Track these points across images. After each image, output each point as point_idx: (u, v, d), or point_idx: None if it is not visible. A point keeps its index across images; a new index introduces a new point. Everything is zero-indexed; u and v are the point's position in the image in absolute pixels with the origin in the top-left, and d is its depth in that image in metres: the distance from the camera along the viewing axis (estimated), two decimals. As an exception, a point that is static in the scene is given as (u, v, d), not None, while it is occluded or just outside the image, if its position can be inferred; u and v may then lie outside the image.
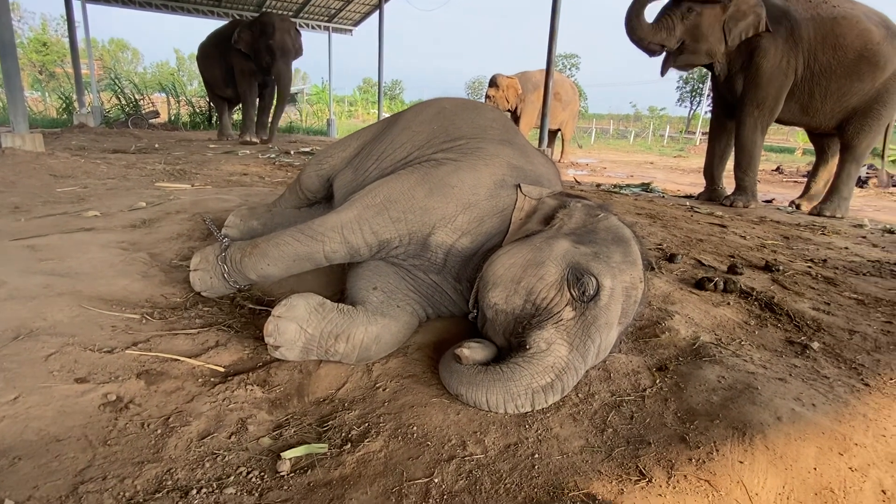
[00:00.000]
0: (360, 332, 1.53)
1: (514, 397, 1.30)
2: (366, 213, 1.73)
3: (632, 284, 1.50)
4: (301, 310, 1.51)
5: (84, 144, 7.00)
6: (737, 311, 2.06)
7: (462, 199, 1.73)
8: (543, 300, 1.43)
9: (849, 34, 4.71)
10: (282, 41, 8.40)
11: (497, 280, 1.50)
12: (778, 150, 20.95)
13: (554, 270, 1.44)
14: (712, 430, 1.26)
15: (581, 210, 1.66)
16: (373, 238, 1.72)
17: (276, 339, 1.48)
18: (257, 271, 1.77)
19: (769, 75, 4.91)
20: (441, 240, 1.73)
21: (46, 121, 13.09)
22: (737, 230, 3.75)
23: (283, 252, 1.73)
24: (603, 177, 9.33)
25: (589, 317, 1.40)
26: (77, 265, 1.97)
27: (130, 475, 1.05)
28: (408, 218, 1.72)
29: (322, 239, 1.71)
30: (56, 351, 1.38)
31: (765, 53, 4.88)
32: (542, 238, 1.56)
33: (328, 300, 1.60)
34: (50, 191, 3.66)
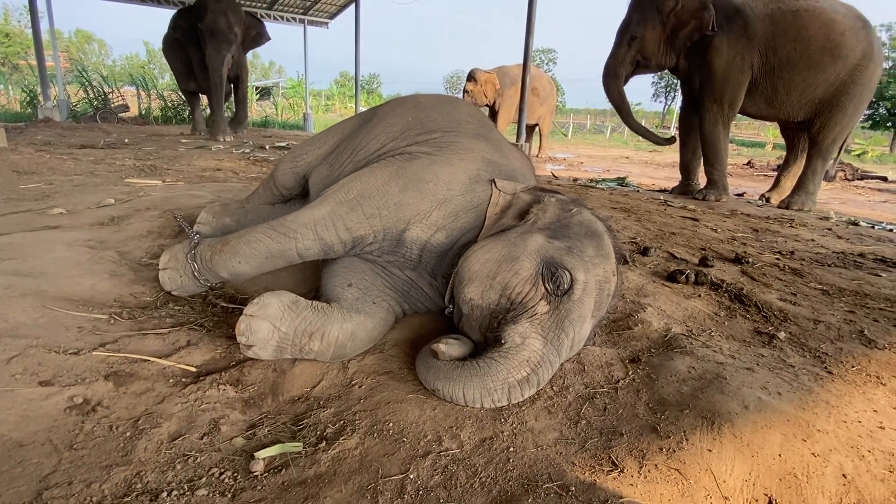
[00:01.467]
0: (335, 329, 1.52)
1: (490, 392, 1.30)
2: (339, 210, 1.70)
3: (605, 278, 1.52)
4: (274, 308, 1.49)
5: (50, 139, 6.77)
6: (707, 302, 2.10)
7: (437, 195, 1.73)
8: (518, 294, 1.44)
9: (812, 25, 4.86)
10: (212, 22, 7.58)
11: (472, 275, 1.50)
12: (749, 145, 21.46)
13: (528, 265, 1.45)
14: (682, 419, 1.29)
15: (555, 205, 1.67)
16: (347, 235, 1.70)
17: (249, 339, 1.46)
18: (228, 269, 1.73)
19: (722, 72, 5.10)
20: (416, 236, 1.72)
21: (9, 115, 12.62)
22: (708, 223, 3.83)
23: (255, 249, 1.70)
24: (580, 171, 9.42)
25: (563, 311, 1.41)
26: (41, 264, 1.91)
27: (98, 479, 1.03)
28: (382, 214, 1.70)
29: (295, 236, 1.68)
30: (19, 353, 1.34)
31: (716, 51, 5.07)
32: (516, 233, 1.57)
33: (302, 298, 1.58)
34: (13, 188, 3.53)
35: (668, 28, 5.18)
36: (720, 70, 5.06)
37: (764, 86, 5.13)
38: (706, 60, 5.11)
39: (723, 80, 5.09)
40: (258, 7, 14.75)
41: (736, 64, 5.04)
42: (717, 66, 5.06)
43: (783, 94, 5.11)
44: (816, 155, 5.30)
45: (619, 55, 5.53)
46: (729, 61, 5.04)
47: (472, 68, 10.82)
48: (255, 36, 8.70)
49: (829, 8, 4.93)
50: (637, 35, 5.34)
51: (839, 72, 4.91)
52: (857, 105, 5.09)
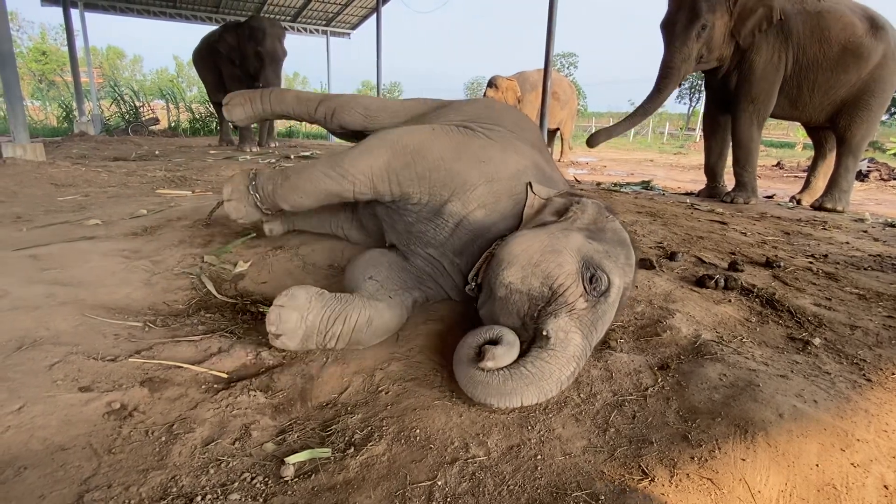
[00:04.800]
0: (355, 313, 1.62)
1: (546, 392, 1.34)
2: (395, 163, 1.83)
3: (629, 286, 1.60)
4: (302, 299, 1.57)
5: (85, 153, 7.02)
6: (738, 308, 2.06)
7: (486, 172, 1.83)
8: (560, 286, 1.46)
9: (834, 27, 4.75)
10: (272, 48, 8.12)
11: (514, 259, 1.53)
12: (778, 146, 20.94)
13: (571, 261, 1.49)
14: (714, 428, 1.26)
15: (592, 207, 1.73)
16: (398, 189, 1.85)
17: (279, 328, 1.53)
18: (290, 202, 1.92)
19: (762, 71, 4.95)
20: (456, 209, 1.81)
21: (47, 130, 13.16)
22: (737, 227, 3.75)
23: (317, 187, 1.87)
24: (603, 175, 9.33)
25: (599, 310, 1.46)
26: (79, 274, 1.98)
27: (135, 483, 1.06)
28: (432, 177, 1.82)
29: (353, 181, 1.84)
30: (60, 360, 1.39)
31: (758, 49, 4.92)
32: (557, 227, 1.63)
33: (326, 290, 1.65)
34: (51, 200, 3.68)
35: (734, 17, 4.86)
36: (760, 69, 4.94)
37: (790, 86, 5.01)
38: (748, 59, 4.97)
39: (761, 79, 4.97)
40: (283, 20, 15.08)
41: (774, 63, 4.92)
42: (757, 64, 4.93)
43: (807, 95, 4.99)
44: (847, 152, 5.15)
45: (687, 49, 4.95)
46: (768, 60, 4.92)
47: (493, 75, 10.84)
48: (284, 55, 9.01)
49: (849, 9, 4.85)
50: (708, 24, 4.85)
51: (861, 73, 4.80)
52: (881, 102, 4.98)
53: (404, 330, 1.79)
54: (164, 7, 14.40)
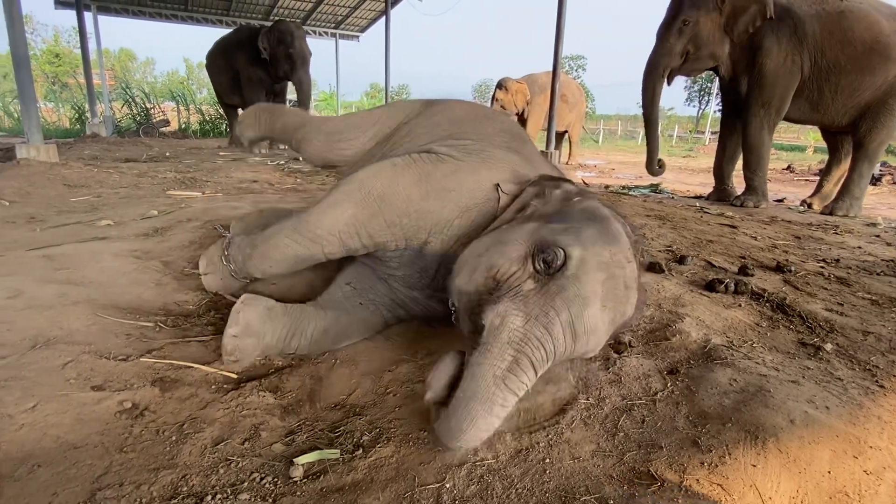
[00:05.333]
0: (310, 327, 1.64)
1: (488, 403, 1.11)
2: (361, 215, 1.69)
3: (613, 261, 1.28)
4: (255, 323, 1.55)
5: (97, 154, 7.10)
6: (748, 312, 2.04)
7: (459, 203, 1.67)
8: (503, 274, 1.29)
9: (857, 27, 4.65)
10: (301, 49, 8.36)
11: (461, 264, 1.43)
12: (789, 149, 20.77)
13: (519, 246, 1.31)
14: (724, 433, 1.25)
15: (557, 196, 1.55)
16: (370, 241, 1.72)
17: (238, 357, 1.53)
18: (261, 271, 1.86)
19: (773, 75, 4.89)
20: (436, 248, 1.69)
21: (60, 131, 13.31)
22: (747, 231, 3.72)
23: (284, 254, 1.78)
24: (611, 178, 9.29)
25: (553, 287, 1.22)
26: (91, 274, 2.00)
27: (146, 482, 1.07)
28: (403, 222, 1.69)
29: (322, 242, 1.72)
30: (73, 359, 1.41)
31: (768, 53, 4.86)
32: (512, 223, 1.49)
33: (277, 303, 1.64)
34: (64, 200, 3.72)
35: (725, 14, 4.88)
36: (771, 73, 4.88)
37: (810, 89, 4.93)
38: (756, 63, 4.92)
39: (773, 83, 4.91)
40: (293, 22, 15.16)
41: (787, 66, 4.85)
42: (767, 68, 4.88)
43: (829, 98, 4.89)
44: (863, 158, 5.07)
45: (668, 45, 5.06)
46: (780, 64, 4.85)
47: (501, 77, 10.85)
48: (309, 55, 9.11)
49: (873, 9, 4.73)
50: (690, 20, 4.90)
51: (888, 74, 4.68)
52: None
53: (411, 332, 1.79)
54: (175, 10, 14.56)
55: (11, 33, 5.00)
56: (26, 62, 5.15)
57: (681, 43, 5.02)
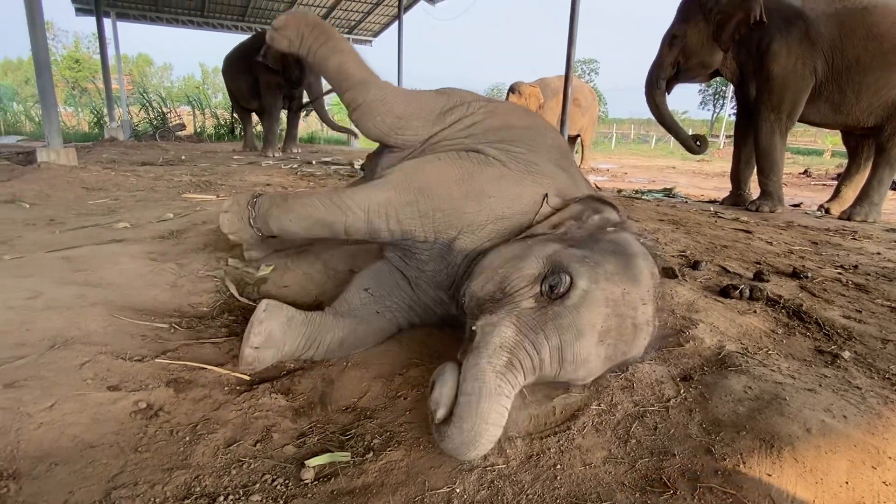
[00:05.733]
0: (328, 336, 1.63)
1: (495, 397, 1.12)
2: (396, 199, 1.71)
3: (624, 300, 1.26)
4: (277, 334, 1.53)
5: (114, 157, 7.22)
6: (763, 319, 2.01)
7: (496, 210, 1.66)
8: (511, 287, 1.31)
9: (883, 22, 4.51)
10: None
11: (480, 269, 1.45)
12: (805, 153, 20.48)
13: (534, 264, 1.33)
14: (739, 441, 1.23)
15: (595, 221, 1.55)
16: (397, 227, 1.72)
17: (257, 366, 1.53)
18: (279, 224, 1.86)
19: (782, 79, 4.81)
20: (465, 245, 1.67)
21: (79, 135, 13.55)
22: (763, 236, 3.67)
23: (308, 212, 1.79)
24: (624, 182, 9.24)
25: (550, 312, 1.23)
26: (109, 276, 2.03)
27: (160, 481, 1.08)
28: (436, 216, 1.69)
29: (346, 212, 1.73)
30: (90, 360, 1.43)
31: (775, 57, 4.79)
32: (538, 238, 1.48)
33: (297, 312, 1.60)
34: (83, 203, 3.79)
35: (713, 23, 4.95)
36: (779, 77, 4.81)
37: (829, 91, 4.82)
38: (763, 67, 4.87)
39: (782, 87, 4.84)
40: (306, 28, 15.29)
41: (797, 70, 4.77)
42: (775, 72, 4.81)
43: (852, 98, 4.77)
44: (884, 163, 4.96)
45: (660, 59, 5.33)
46: (789, 67, 4.77)
47: (514, 81, 10.84)
48: None
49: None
50: (678, 34, 5.13)
51: None
52: None
53: (422, 335, 1.79)
54: (191, 16, 14.79)
55: (34, 39, 5.11)
56: (47, 68, 5.26)
57: (671, 55, 5.25)
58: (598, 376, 1.38)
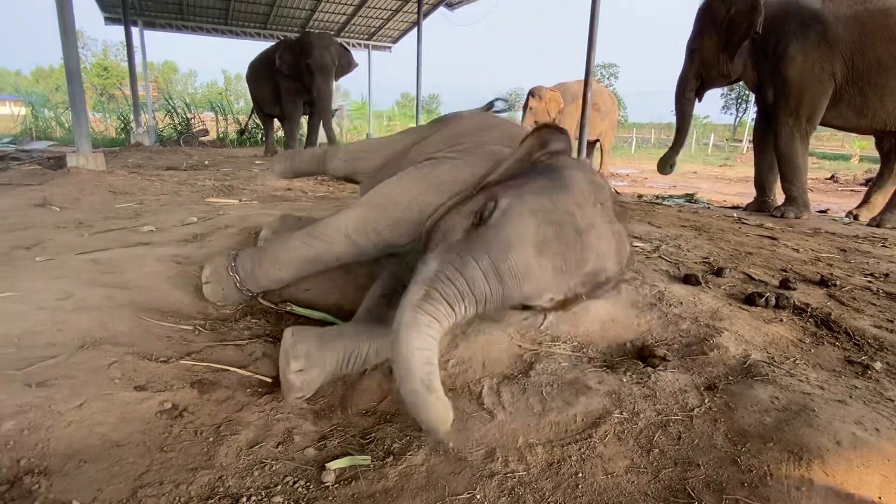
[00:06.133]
0: (365, 348, 1.58)
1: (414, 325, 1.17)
2: (369, 215, 1.82)
3: (556, 208, 1.28)
4: (314, 351, 1.47)
5: (140, 162, 7.39)
6: (790, 328, 1.97)
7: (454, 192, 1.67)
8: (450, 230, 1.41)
9: None
10: (320, 59, 8.42)
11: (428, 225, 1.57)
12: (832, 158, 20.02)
13: (472, 205, 1.42)
14: (766, 453, 1.21)
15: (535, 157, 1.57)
16: (377, 237, 1.81)
17: (306, 391, 1.45)
18: (270, 278, 1.89)
19: (798, 83, 4.74)
20: None
21: (106, 140, 13.91)
22: (788, 242, 3.59)
23: (293, 256, 1.83)
24: (644, 187, 9.15)
25: (474, 235, 1.29)
26: (135, 278, 2.08)
27: (185, 481, 1.10)
28: (406, 216, 1.78)
29: (331, 241, 1.81)
30: (117, 360, 1.46)
31: (790, 61, 4.71)
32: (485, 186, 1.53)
33: (325, 329, 1.57)
34: (110, 207, 3.89)
35: (724, 35, 5.05)
36: (796, 81, 4.74)
37: (851, 94, 4.72)
38: (779, 71, 4.80)
39: (799, 91, 4.76)
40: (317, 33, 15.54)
41: (814, 74, 4.68)
42: (791, 77, 4.74)
43: (875, 101, 4.65)
44: (917, 168, 4.84)
45: (685, 72, 5.50)
46: (806, 71, 4.69)
47: (534, 86, 10.83)
48: (345, 64, 9.24)
49: None
50: (695, 48, 5.30)
51: None
52: None
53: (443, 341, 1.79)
54: (216, 24, 15.09)
55: (65, 49, 5.27)
56: (78, 76, 5.42)
57: (693, 69, 5.41)
58: (570, 296, 1.36)
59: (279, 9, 14.34)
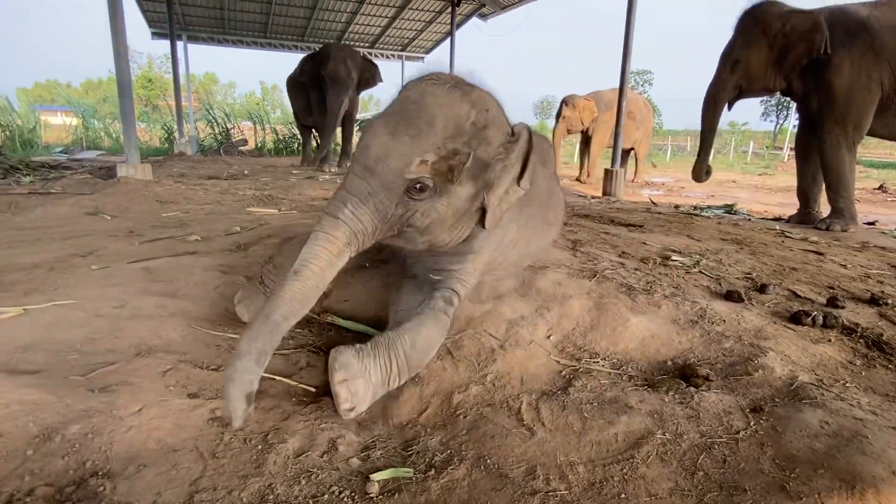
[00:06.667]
0: (399, 345, 1.56)
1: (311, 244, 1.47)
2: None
3: (400, 104, 1.58)
4: (355, 363, 1.46)
5: (184, 171, 7.69)
6: (839, 349, 1.91)
7: None
8: None
9: None
10: (333, 70, 8.48)
11: None
12: (879, 166, 19.17)
13: None
14: (816, 480, 1.17)
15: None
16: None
17: (353, 401, 1.44)
18: None
19: (846, 93, 4.60)
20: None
21: (150, 149, 14.51)
22: (836, 258, 3.47)
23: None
24: (680, 197, 8.96)
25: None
26: (184, 287, 2.17)
27: (237, 487, 1.14)
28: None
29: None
30: (171, 367, 1.53)
31: (837, 70, 4.58)
32: None
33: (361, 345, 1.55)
34: (157, 216, 4.06)
35: (776, 50, 4.83)
36: (842, 90, 4.60)
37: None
38: (825, 80, 4.66)
39: (846, 100, 4.62)
40: (362, 47, 15.87)
41: (861, 82, 4.55)
42: (838, 85, 4.60)
43: None
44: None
45: (721, 80, 5.24)
46: (853, 80, 4.56)
47: (567, 94, 10.79)
48: (369, 78, 9.39)
49: None
50: (740, 59, 5.04)
51: None
52: None
53: (481, 355, 1.81)
54: (256, 37, 15.61)
55: (118, 64, 5.56)
56: (129, 91, 5.70)
57: (733, 79, 5.15)
58: (444, 153, 1.53)
59: (316, 21, 14.73)
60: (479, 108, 1.61)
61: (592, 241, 3.34)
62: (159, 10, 13.22)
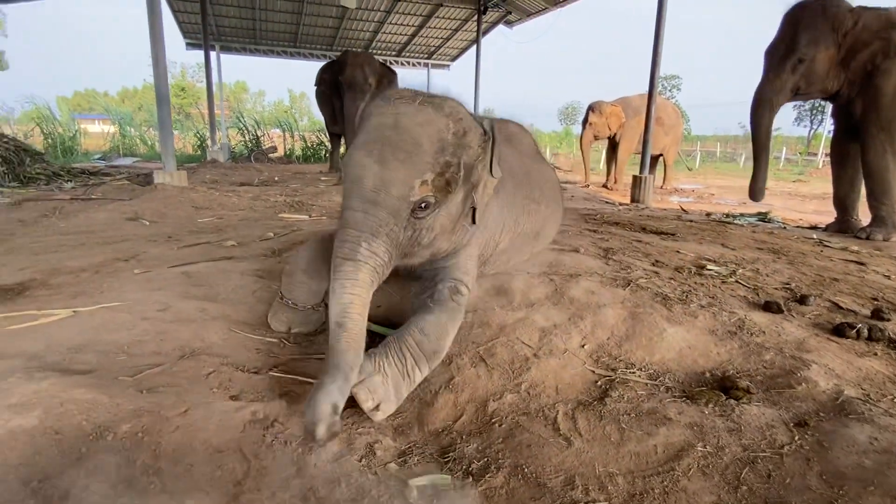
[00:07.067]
0: (407, 335, 1.60)
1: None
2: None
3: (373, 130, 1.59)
4: (367, 364, 1.48)
5: (216, 178, 7.89)
6: (886, 363, 1.84)
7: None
8: None
9: None
10: (350, 76, 8.53)
11: None
12: (923, 173, 18.40)
13: None
14: (866, 498, 1.14)
15: None
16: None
17: (375, 397, 1.45)
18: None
19: (892, 97, 4.43)
20: None
21: (184, 156, 14.93)
22: (878, 268, 3.35)
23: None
24: (711, 204, 8.77)
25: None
26: (223, 291, 2.23)
27: (280, 489, 1.17)
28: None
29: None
30: (214, 370, 1.58)
31: (886, 73, 4.41)
32: None
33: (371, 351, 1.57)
34: (193, 221, 4.18)
35: (844, 49, 4.55)
36: (889, 95, 4.44)
37: None
38: (872, 84, 4.51)
39: (892, 105, 4.47)
40: (388, 55, 16.08)
41: None
42: (886, 90, 4.44)
43: None
44: None
45: (780, 81, 4.78)
46: None
47: (594, 101, 10.72)
48: (388, 84, 9.47)
49: None
50: (806, 58, 4.63)
51: None
52: None
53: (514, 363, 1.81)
54: (286, 47, 15.96)
55: (156, 74, 5.75)
56: (167, 100, 5.89)
57: (793, 80, 4.76)
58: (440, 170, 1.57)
59: (344, 31, 15.00)
60: (454, 118, 1.66)
61: (624, 249, 3.31)
62: (194, 22, 13.66)
